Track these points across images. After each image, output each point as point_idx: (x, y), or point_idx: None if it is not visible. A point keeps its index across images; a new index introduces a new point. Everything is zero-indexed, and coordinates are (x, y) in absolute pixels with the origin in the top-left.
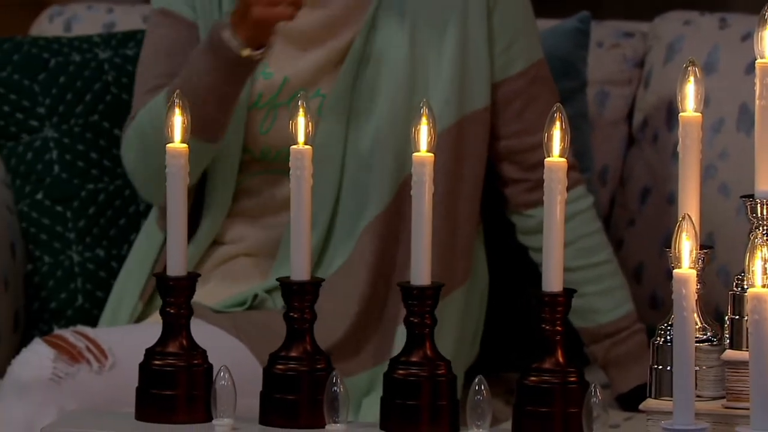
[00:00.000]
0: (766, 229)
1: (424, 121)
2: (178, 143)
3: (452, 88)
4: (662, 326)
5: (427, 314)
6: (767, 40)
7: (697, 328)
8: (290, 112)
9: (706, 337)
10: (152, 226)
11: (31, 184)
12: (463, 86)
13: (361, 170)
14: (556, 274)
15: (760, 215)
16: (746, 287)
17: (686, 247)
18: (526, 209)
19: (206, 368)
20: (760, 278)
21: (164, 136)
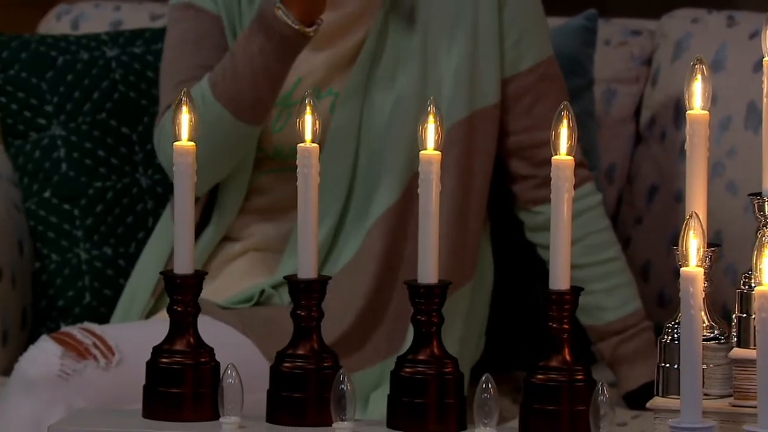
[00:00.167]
0: None
1: (431, 119)
2: (185, 141)
3: (463, 82)
4: (669, 324)
5: (434, 312)
6: None
7: (704, 326)
8: (298, 110)
9: (713, 335)
10: (167, 222)
11: (38, 182)
12: (473, 81)
13: (372, 166)
14: (563, 272)
15: (767, 213)
16: (754, 285)
17: (693, 245)
18: (534, 206)
19: (213, 366)
20: (767, 276)
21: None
